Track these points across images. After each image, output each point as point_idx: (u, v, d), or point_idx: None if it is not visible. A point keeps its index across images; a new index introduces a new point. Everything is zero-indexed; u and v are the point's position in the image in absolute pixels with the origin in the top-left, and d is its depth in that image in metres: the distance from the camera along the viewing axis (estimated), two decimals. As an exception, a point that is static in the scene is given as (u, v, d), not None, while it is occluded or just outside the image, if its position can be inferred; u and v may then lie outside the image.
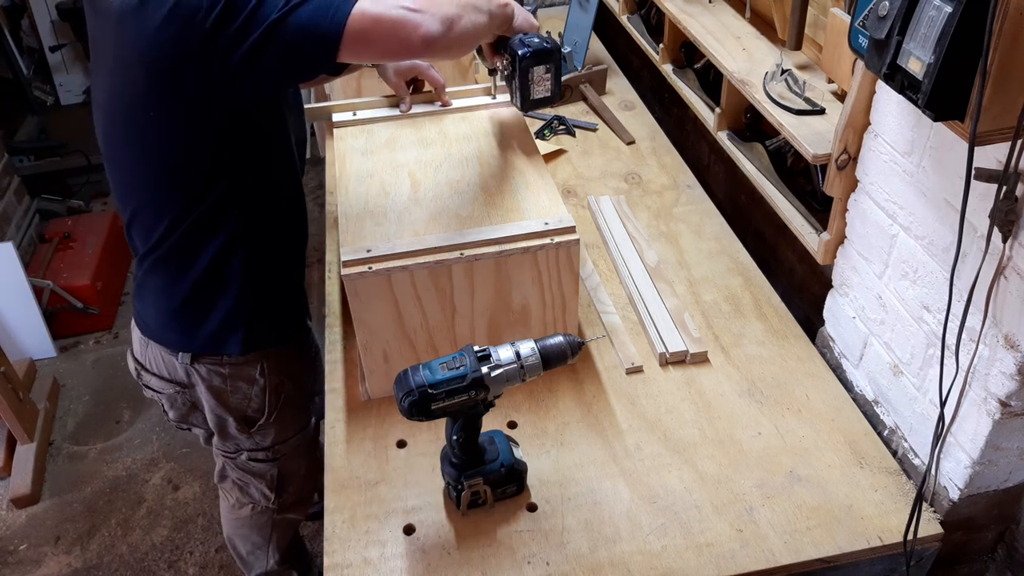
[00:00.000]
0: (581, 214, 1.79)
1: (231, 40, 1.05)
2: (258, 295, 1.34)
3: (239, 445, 1.50)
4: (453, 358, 1.05)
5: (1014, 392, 0.99)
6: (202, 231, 1.25)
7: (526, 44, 1.27)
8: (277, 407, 1.46)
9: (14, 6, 3.86)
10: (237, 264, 1.28)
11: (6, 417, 2.41)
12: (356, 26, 1.06)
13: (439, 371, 1.03)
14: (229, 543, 1.75)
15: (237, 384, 1.41)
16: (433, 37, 1.07)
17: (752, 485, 1.20)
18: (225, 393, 1.41)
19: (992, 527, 1.22)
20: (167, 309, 1.34)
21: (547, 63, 1.29)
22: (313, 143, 2.16)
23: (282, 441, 1.52)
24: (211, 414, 1.45)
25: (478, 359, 1.05)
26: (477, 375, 1.03)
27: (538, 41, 1.28)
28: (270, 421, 1.47)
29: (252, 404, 1.44)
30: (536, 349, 1.06)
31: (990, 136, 0.86)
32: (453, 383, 1.03)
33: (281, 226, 1.35)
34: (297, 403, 1.51)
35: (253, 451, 1.51)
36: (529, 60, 1.27)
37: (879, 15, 0.88)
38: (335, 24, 1.05)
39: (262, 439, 1.49)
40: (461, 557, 1.12)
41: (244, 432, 1.47)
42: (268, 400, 1.44)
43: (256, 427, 1.46)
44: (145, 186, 1.24)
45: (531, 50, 1.26)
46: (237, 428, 1.46)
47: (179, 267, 1.29)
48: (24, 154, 3.43)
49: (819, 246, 1.35)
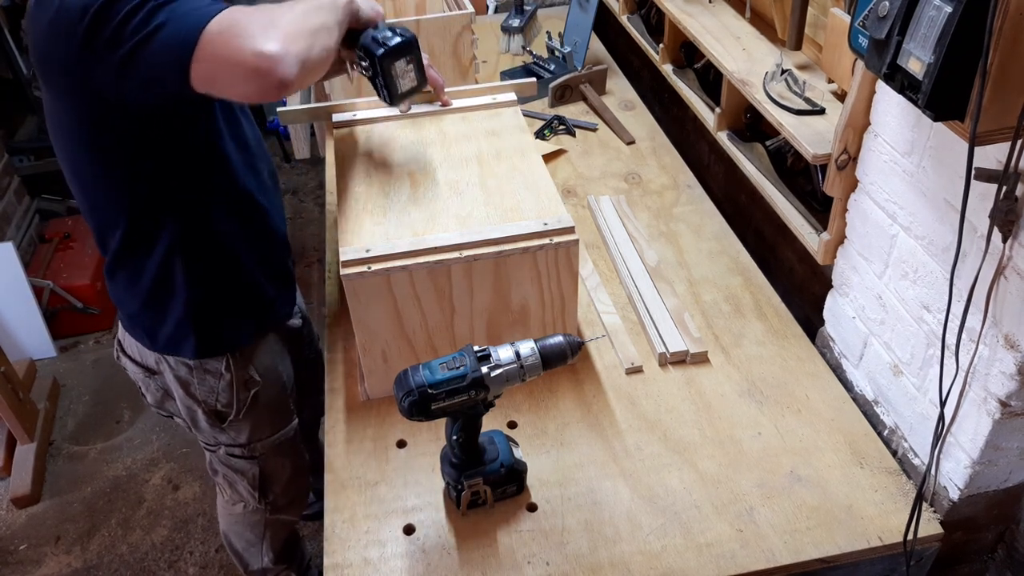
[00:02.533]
0: (581, 214, 1.79)
1: (103, 50, 1.00)
2: (209, 301, 1.31)
3: (216, 438, 1.48)
4: (453, 358, 1.05)
5: (1014, 392, 0.99)
6: (141, 241, 1.23)
7: (380, 42, 1.21)
8: (247, 403, 1.43)
9: (14, 6, 3.85)
10: (179, 272, 1.26)
11: (6, 417, 2.41)
12: (205, 58, 0.98)
13: (439, 371, 1.03)
14: (224, 537, 1.75)
15: (203, 376, 1.38)
16: (290, 80, 0.99)
17: (752, 485, 1.20)
18: (191, 384, 1.39)
19: (992, 527, 1.22)
20: (127, 314, 1.36)
21: (407, 55, 1.24)
22: (313, 143, 2.16)
23: (259, 439, 1.49)
24: (181, 404, 1.43)
25: (478, 359, 1.05)
26: (477, 375, 1.03)
27: (391, 35, 1.22)
28: (239, 417, 1.44)
29: (220, 398, 1.41)
30: (536, 349, 1.06)
31: (990, 136, 0.85)
32: (453, 383, 1.03)
33: (226, 231, 1.29)
34: (274, 400, 1.48)
35: (230, 446, 1.49)
36: (389, 58, 1.22)
37: (879, 15, 0.88)
38: (181, 61, 0.98)
39: (236, 435, 1.47)
40: (461, 557, 1.12)
41: (215, 426, 1.44)
42: (237, 395, 1.41)
43: (227, 422, 1.44)
44: (82, 197, 1.23)
45: (388, 48, 1.21)
46: (208, 421, 1.43)
47: (129, 277, 1.28)
48: (24, 154, 3.43)
49: (819, 246, 1.35)
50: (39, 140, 3.48)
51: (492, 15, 2.76)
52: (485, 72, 2.27)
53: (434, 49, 1.90)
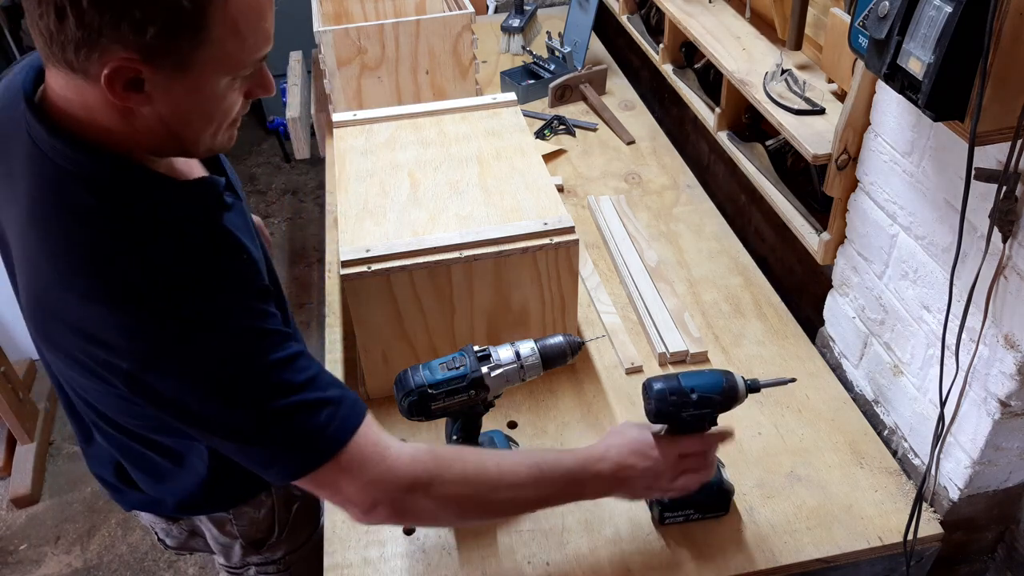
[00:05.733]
0: (581, 214, 1.79)
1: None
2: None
3: (246, 562, 1.32)
4: (453, 358, 1.05)
5: (1014, 392, 0.99)
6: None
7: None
8: (288, 522, 1.28)
9: (14, 6, 3.85)
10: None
11: (6, 417, 2.41)
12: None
13: (439, 371, 1.03)
14: None
15: (242, 511, 1.21)
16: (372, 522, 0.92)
17: (752, 485, 1.20)
18: (227, 523, 1.22)
19: (992, 527, 1.22)
20: (147, 500, 1.19)
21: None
22: (313, 143, 2.16)
23: (293, 551, 1.33)
24: (214, 543, 1.27)
25: (478, 359, 1.05)
26: (477, 375, 1.03)
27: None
28: (281, 538, 1.29)
29: (260, 527, 1.25)
30: (536, 349, 1.06)
31: (990, 136, 0.85)
32: (453, 383, 1.02)
33: None
34: (307, 505, 1.32)
35: (262, 565, 1.33)
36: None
37: (879, 15, 0.88)
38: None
39: (271, 554, 1.31)
40: (461, 557, 1.12)
41: (251, 553, 1.29)
42: (278, 518, 1.26)
43: (266, 547, 1.28)
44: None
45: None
46: (243, 552, 1.28)
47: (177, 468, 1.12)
48: (24, 154, 3.43)
49: (819, 246, 1.35)
50: (39, 140, 3.48)
51: (492, 15, 2.76)
52: (485, 72, 2.27)
53: (434, 49, 1.90)
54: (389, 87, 1.94)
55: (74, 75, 0.78)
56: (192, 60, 0.78)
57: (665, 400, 1.00)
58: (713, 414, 1.03)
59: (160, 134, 0.84)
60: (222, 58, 0.79)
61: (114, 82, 0.76)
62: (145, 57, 0.75)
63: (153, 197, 0.85)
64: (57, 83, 0.81)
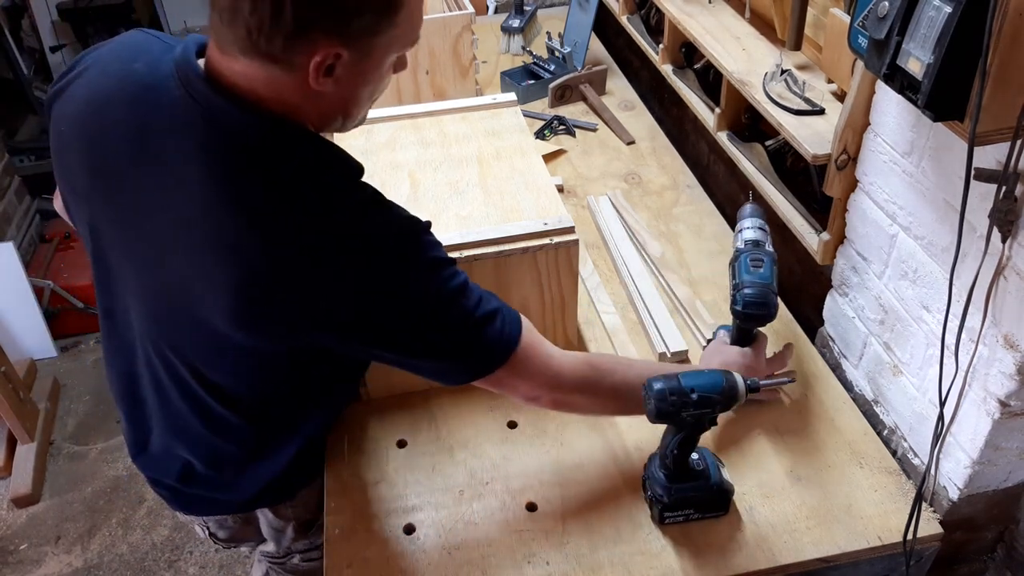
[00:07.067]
0: (581, 214, 1.79)
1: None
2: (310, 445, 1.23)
3: (291, 549, 1.35)
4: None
5: (1014, 392, 0.99)
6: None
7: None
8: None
9: (14, 6, 3.86)
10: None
11: (7, 417, 2.41)
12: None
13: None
14: None
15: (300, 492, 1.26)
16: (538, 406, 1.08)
17: (752, 485, 1.20)
18: (285, 503, 1.26)
19: (992, 527, 1.22)
20: (232, 501, 1.25)
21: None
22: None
23: None
24: (268, 527, 1.30)
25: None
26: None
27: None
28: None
29: (310, 506, 1.27)
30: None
31: (990, 136, 0.86)
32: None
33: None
34: None
35: (306, 551, 1.36)
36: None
37: (879, 15, 0.88)
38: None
39: (316, 537, 1.31)
40: (461, 557, 1.12)
41: (300, 538, 1.32)
42: (328, 490, 1.27)
43: (314, 527, 1.30)
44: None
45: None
46: (293, 536, 1.31)
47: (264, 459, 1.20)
48: (24, 154, 3.43)
49: (819, 246, 1.35)
50: (39, 140, 3.48)
51: (492, 15, 2.76)
52: (485, 72, 2.27)
53: (434, 49, 1.90)
54: (389, 87, 1.94)
55: (272, 65, 0.82)
56: (379, 42, 0.84)
57: (665, 400, 1.00)
58: (713, 414, 1.03)
59: (333, 113, 0.92)
60: (400, 36, 0.86)
61: (319, 69, 0.81)
62: (346, 43, 0.81)
63: (354, 171, 0.95)
64: (242, 71, 0.84)
